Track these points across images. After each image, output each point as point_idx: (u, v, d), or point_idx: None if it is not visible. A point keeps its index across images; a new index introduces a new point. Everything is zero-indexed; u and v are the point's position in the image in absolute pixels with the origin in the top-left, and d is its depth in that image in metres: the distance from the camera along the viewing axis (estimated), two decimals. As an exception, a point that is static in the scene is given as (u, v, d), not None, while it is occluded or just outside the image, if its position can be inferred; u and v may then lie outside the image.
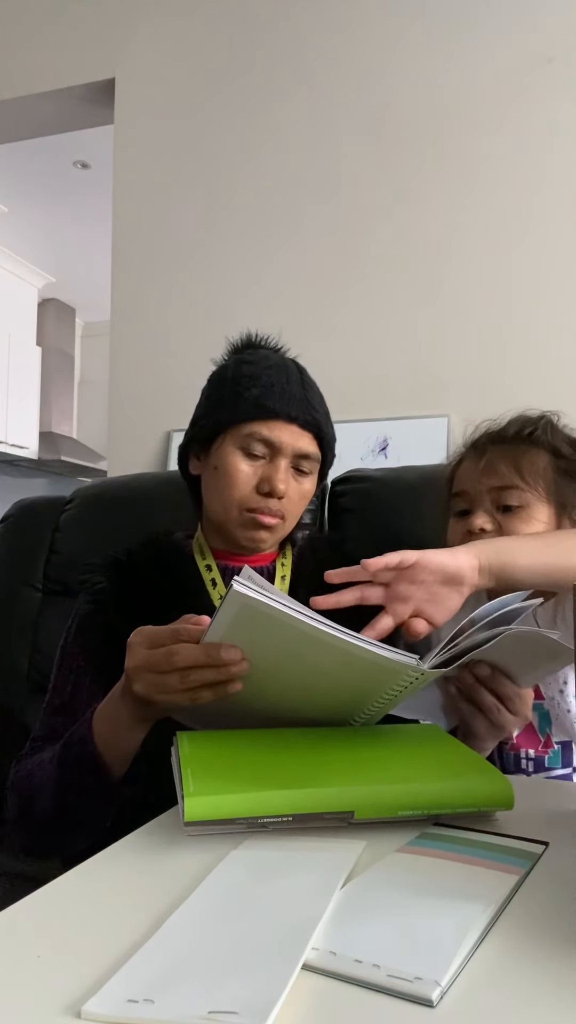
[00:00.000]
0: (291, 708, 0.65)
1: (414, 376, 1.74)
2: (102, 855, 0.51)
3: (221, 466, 0.87)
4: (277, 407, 0.86)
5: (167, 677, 0.61)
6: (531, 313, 1.67)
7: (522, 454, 0.91)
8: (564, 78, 1.68)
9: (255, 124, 1.92)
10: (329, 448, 0.93)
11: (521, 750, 0.89)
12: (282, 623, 0.56)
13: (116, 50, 2.08)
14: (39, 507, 1.43)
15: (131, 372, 2.00)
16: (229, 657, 0.58)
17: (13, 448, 4.62)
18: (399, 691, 0.62)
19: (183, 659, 0.60)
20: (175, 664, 0.60)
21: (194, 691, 0.61)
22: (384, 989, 0.33)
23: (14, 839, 0.82)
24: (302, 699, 0.65)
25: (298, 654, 0.59)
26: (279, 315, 1.85)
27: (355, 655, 0.57)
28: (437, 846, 0.50)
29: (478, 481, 0.92)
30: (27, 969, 0.36)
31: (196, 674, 0.60)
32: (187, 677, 0.60)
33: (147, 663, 0.62)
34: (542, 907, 0.42)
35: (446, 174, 1.75)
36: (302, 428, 0.87)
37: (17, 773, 0.82)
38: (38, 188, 3.89)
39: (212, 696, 0.61)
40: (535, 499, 0.89)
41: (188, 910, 0.41)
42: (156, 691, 0.62)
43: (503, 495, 0.90)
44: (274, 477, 0.85)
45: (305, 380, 0.91)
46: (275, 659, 0.60)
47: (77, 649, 0.88)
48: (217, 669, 0.59)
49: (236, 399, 0.87)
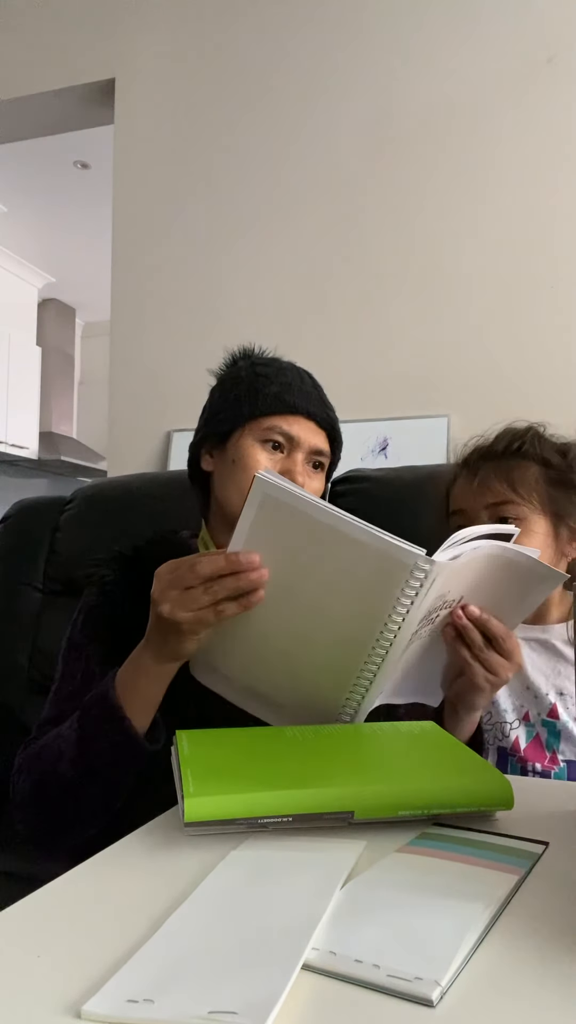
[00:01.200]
0: (302, 637, 0.66)
1: (414, 376, 1.74)
2: (102, 855, 0.51)
3: (240, 459, 0.88)
4: (297, 403, 0.88)
5: (192, 592, 0.63)
6: (531, 313, 1.67)
7: (513, 468, 0.93)
8: (564, 78, 1.68)
9: (255, 125, 1.93)
10: (339, 449, 0.96)
11: (528, 763, 0.89)
12: (301, 515, 0.59)
13: (116, 50, 2.08)
14: (39, 507, 1.43)
15: (131, 372, 2.00)
16: (249, 560, 0.61)
17: (13, 448, 4.62)
18: (407, 609, 0.61)
19: (205, 566, 0.62)
20: (199, 572, 0.63)
21: (218, 605, 0.63)
22: (384, 989, 0.33)
23: (22, 825, 0.81)
24: (315, 624, 0.66)
25: (313, 561, 0.61)
26: (279, 315, 1.85)
27: (368, 546, 0.59)
28: (437, 846, 0.50)
29: (473, 499, 0.94)
30: (27, 969, 0.36)
31: (219, 584, 0.62)
32: (210, 588, 0.62)
33: (172, 581, 0.65)
34: (542, 907, 0.42)
35: (446, 174, 1.75)
36: (319, 426, 0.90)
37: (28, 752, 0.82)
38: (38, 188, 3.89)
39: (237, 609, 0.63)
40: (531, 511, 0.91)
41: (188, 910, 0.41)
42: (181, 607, 0.64)
43: (499, 510, 0.92)
44: (293, 470, 0.87)
45: (316, 383, 0.95)
46: (292, 571, 0.63)
47: (85, 640, 0.88)
48: (238, 577, 0.62)
49: (255, 395, 0.89)
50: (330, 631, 0.65)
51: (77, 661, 0.88)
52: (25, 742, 0.85)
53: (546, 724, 0.90)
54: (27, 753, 0.82)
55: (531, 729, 0.91)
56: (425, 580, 0.59)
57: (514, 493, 0.91)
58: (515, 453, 0.95)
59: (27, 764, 0.80)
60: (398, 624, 0.62)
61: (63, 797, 0.76)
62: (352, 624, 0.64)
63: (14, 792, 0.81)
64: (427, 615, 0.65)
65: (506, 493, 0.91)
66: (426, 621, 0.66)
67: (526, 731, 0.91)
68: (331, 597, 0.63)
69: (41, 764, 0.78)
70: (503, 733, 0.92)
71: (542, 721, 0.91)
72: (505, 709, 0.92)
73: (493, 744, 0.92)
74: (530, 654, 0.94)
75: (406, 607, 0.61)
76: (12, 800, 0.81)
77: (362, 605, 0.63)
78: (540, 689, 0.92)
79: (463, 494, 0.96)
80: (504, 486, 0.92)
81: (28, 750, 0.82)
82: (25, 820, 0.81)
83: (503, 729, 0.92)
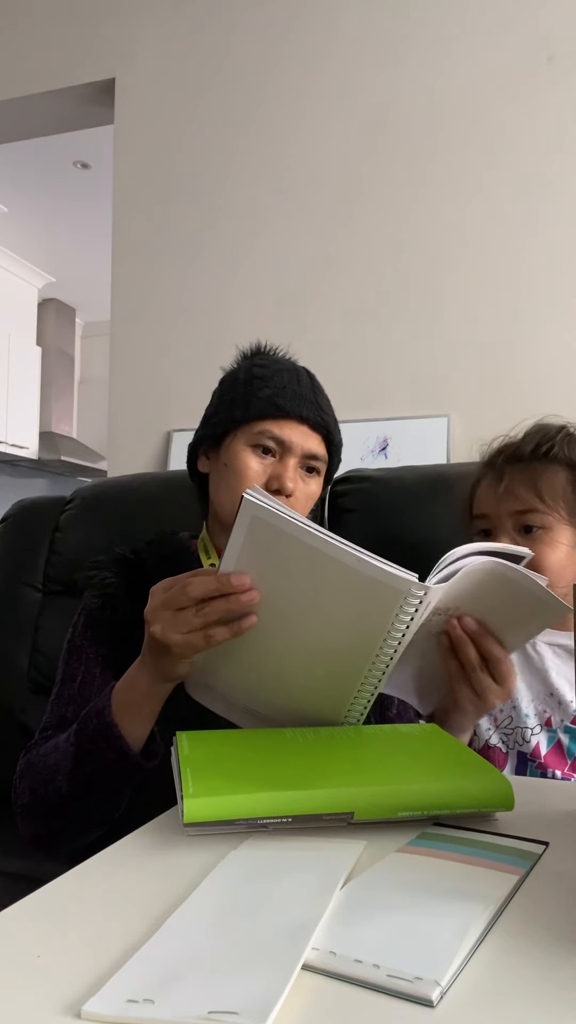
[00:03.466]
0: (298, 661, 0.65)
1: (414, 376, 1.74)
2: (102, 855, 0.51)
3: (231, 463, 0.88)
4: (289, 407, 0.87)
5: (183, 613, 0.62)
6: (531, 313, 1.67)
7: (540, 474, 0.89)
8: (564, 78, 1.68)
9: (255, 125, 1.92)
10: (336, 452, 0.94)
11: (548, 769, 0.88)
12: (291, 539, 0.57)
13: (116, 50, 2.08)
14: (39, 507, 1.43)
15: (131, 372, 2.00)
16: (240, 582, 0.60)
17: (13, 448, 4.62)
18: (402, 632, 0.61)
19: (197, 587, 0.62)
20: (190, 594, 0.62)
21: (208, 629, 0.62)
22: (384, 989, 0.33)
23: (23, 830, 0.81)
24: (311, 648, 0.65)
25: (305, 584, 0.60)
26: (279, 315, 1.85)
27: (359, 572, 0.57)
28: (437, 846, 0.50)
29: (498, 505, 0.90)
30: (27, 969, 0.36)
31: (210, 606, 0.61)
32: (202, 610, 0.62)
33: (164, 602, 0.64)
34: (542, 907, 0.42)
35: (446, 174, 1.75)
36: (312, 429, 0.89)
37: (29, 760, 0.82)
38: (38, 188, 3.89)
39: (227, 634, 0.62)
40: (556, 521, 0.88)
41: (188, 910, 0.41)
42: (173, 629, 0.63)
43: (524, 518, 0.88)
44: (284, 475, 0.86)
45: (315, 385, 0.93)
46: (284, 595, 0.61)
47: (85, 642, 0.88)
48: (229, 599, 0.61)
49: (248, 398, 0.88)
50: (326, 652, 0.64)
51: (77, 664, 0.88)
52: (27, 746, 0.85)
53: (568, 731, 0.88)
54: (28, 760, 0.82)
55: (552, 735, 0.89)
56: (420, 605, 0.59)
57: (540, 501, 0.87)
58: (543, 456, 0.90)
59: (28, 771, 0.80)
60: (393, 648, 0.62)
61: (60, 809, 0.76)
62: (348, 645, 0.63)
63: (16, 796, 0.81)
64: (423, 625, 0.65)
65: (531, 501, 0.88)
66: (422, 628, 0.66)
67: (547, 737, 0.89)
68: (326, 619, 0.62)
69: (39, 775, 0.78)
70: (523, 738, 0.90)
71: (564, 727, 0.89)
72: (527, 714, 0.91)
73: (513, 748, 0.91)
74: (554, 659, 0.92)
75: (401, 631, 0.61)
76: (14, 804, 0.81)
77: (358, 627, 0.62)
78: (564, 695, 0.90)
79: (487, 498, 0.92)
80: (530, 493, 0.88)
81: (29, 756, 0.82)
82: (25, 826, 0.81)
83: (523, 734, 0.90)
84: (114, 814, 0.75)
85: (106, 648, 0.86)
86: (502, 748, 0.91)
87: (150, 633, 0.65)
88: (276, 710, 0.69)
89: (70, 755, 0.74)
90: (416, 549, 0.79)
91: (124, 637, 0.80)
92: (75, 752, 0.73)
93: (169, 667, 0.67)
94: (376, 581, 0.57)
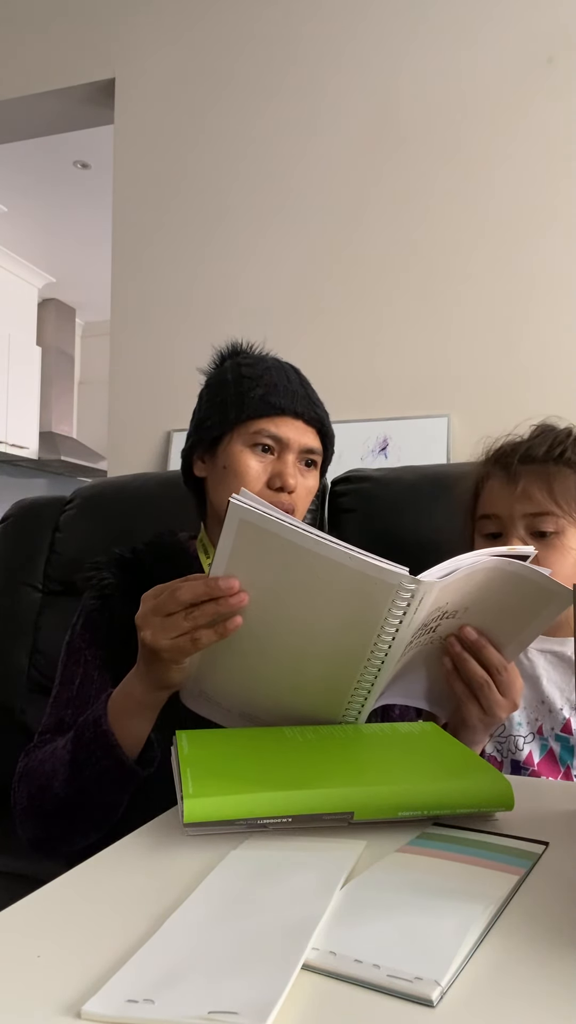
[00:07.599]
0: (292, 662, 0.65)
1: (414, 376, 1.74)
2: (102, 855, 0.51)
3: (231, 465, 0.88)
4: (283, 404, 0.88)
5: (173, 618, 0.62)
6: (531, 313, 1.67)
7: (554, 476, 0.88)
8: (564, 78, 1.68)
9: (256, 124, 1.92)
10: (330, 443, 0.95)
11: (541, 778, 0.88)
12: (280, 540, 0.57)
13: (116, 50, 2.08)
14: (39, 507, 1.43)
15: (131, 372, 2.00)
16: (228, 586, 0.60)
17: (13, 448, 4.62)
18: (395, 628, 0.60)
19: (186, 592, 0.62)
20: (179, 599, 0.62)
21: (197, 631, 0.62)
22: (384, 989, 0.33)
23: (22, 832, 0.81)
24: (304, 648, 0.64)
25: (297, 584, 0.60)
26: (279, 315, 1.85)
27: (349, 568, 0.57)
28: (437, 846, 0.50)
29: (511, 506, 0.89)
30: (27, 969, 0.36)
31: (199, 610, 0.61)
32: (191, 614, 0.61)
33: (154, 607, 0.64)
34: (542, 907, 0.42)
35: (447, 173, 1.75)
36: (307, 424, 0.90)
37: (27, 764, 0.82)
38: (38, 188, 3.89)
39: (213, 636, 0.62)
40: (569, 524, 0.87)
41: (188, 910, 0.41)
42: (162, 634, 0.63)
43: (537, 521, 0.88)
44: (285, 472, 0.87)
45: (303, 379, 0.93)
46: (277, 596, 0.61)
47: (84, 644, 0.88)
48: (218, 602, 0.61)
49: (241, 399, 0.88)
50: (320, 652, 0.64)
51: (76, 666, 0.88)
52: (26, 749, 0.85)
53: (560, 739, 0.88)
54: (26, 764, 0.82)
55: (544, 743, 0.89)
56: (412, 599, 0.58)
57: (555, 505, 0.87)
58: (557, 459, 0.90)
59: (26, 776, 0.81)
60: (388, 643, 0.62)
61: (57, 814, 0.76)
62: (341, 644, 0.63)
63: (14, 799, 0.81)
64: (423, 626, 0.65)
65: (546, 504, 0.87)
66: (423, 631, 0.66)
67: (539, 745, 0.89)
68: (318, 618, 0.62)
69: (37, 780, 0.78)
70: (516, 746, 0.90)
71: (555, 736, 0.89)
72: (519, 722, 0.91)
73: (506, 757, 0.90)
74: (546, 667, 0.92)
75: (395, 626, 0.60)
76: (12, 807, 0.81)
77: (350, 625, 0.62)
78: (555, 703, 0.90)
79: (500, 498, 0.91)
80: (545, 496, 0.87)
81: (28, 759, 0.82)
82: (24, 830, 0.81)
83: (516, 742, 0.90)
84: (112, 819, 0.75)
85: (104, 650, 0.86)
86: (496, 757, 0.91)
87: (141, 639, 0.65)
88: (272, 713, 0.69)
89: (67, 762, 0.74)
90: (416, 549, 0.79)
91: (123, 639, 0.80)
92: (72, 759, 0.73)
93: (162, 674, 0.67)
94: (367, 576, 0.57)
